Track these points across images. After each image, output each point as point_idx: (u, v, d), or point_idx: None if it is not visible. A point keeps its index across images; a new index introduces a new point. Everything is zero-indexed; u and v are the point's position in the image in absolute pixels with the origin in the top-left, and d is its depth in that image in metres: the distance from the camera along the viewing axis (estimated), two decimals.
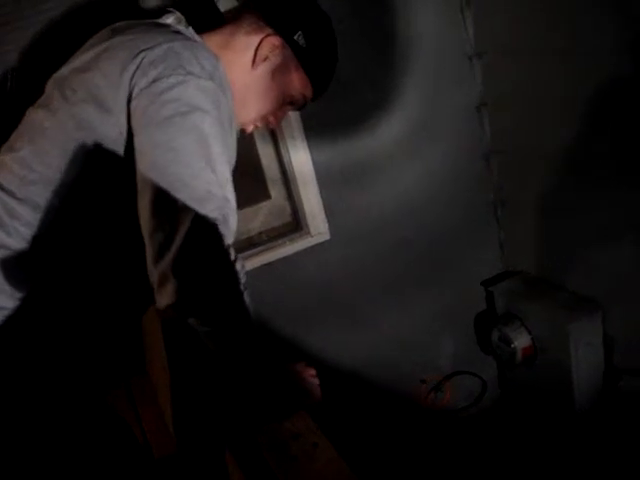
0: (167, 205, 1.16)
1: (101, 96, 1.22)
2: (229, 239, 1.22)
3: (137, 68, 1.22)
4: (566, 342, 2.34)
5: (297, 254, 2.37)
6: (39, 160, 1.25)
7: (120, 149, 1.24)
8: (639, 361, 2.33)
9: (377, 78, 2.36)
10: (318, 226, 2.37)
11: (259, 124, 1.57)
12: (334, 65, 1.59)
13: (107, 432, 1.37)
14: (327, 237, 2.41)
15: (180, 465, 1.67)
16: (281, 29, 1.46)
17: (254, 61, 1.45)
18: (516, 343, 2.53)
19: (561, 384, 2.47)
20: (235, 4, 1.66)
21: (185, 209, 1.15)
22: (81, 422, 1.32)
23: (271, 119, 1.56)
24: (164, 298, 1.15)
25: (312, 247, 2.40)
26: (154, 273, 1.16)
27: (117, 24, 1.44)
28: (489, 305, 2.85)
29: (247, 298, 1.26)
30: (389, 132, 2.42)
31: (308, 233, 2.38)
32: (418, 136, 2.49)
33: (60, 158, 1.24)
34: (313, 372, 1.46)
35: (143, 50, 1.23)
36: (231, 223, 1.22)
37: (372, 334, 2.64)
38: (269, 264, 2.31)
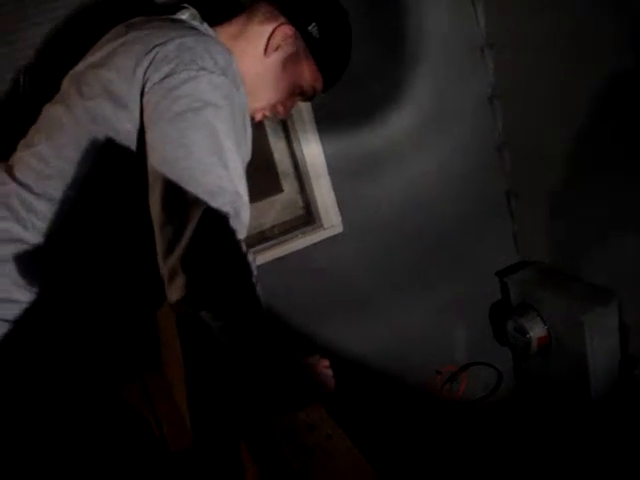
0: (177, 200, 1.16)
1: (115, 91, 1.24)
2: (241, 234, 1.22)
3: (150, 63, 1.23)
4: (581, 332, 2.33)
5: (310, 247, 2.37)
6: (56, 154, 1.26)
7: (133, 143, 1.25)
8: None
9: (388, 70, 2.35)
10: (331, 219, 2.37)
11: (268, 113, 1.57)
12: (347, 59, 1.59)
13: (124, 426, 1.38)
14: (340, 230, 2.41)
15: (196, 458, 1.68)
16: (295, 19, 1.46)
17: (266, 49, 1.45)
18: (531, 333, 2.52)
19: (577, 373, 2.46)
20: None
21: (195, 203, 1.15)
22: (98, 416, 1.33)
23: (280, 108, 1.56)
24: (174, 293, 1.16)
25: (325, 240, 2.40)
26: (164, 267, 1.17)
27: (132, 20, 1.46)
28: (504, 296, 2.85)
29: (259, 291, 1.27)
30: (401, 124, 2.41)
31: (321, 226, 2.38)
32: (430, 128, 2.48)
33: (76, 152, 1.25)
34: (327, 363, 1.46)
35: (157, 45, 1.24)
36: (243, 217, 1.23)
37: (386, 326, 2.64)
38: (282, 258, 2.32)
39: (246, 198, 1.25)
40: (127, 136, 1.25)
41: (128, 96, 1.23)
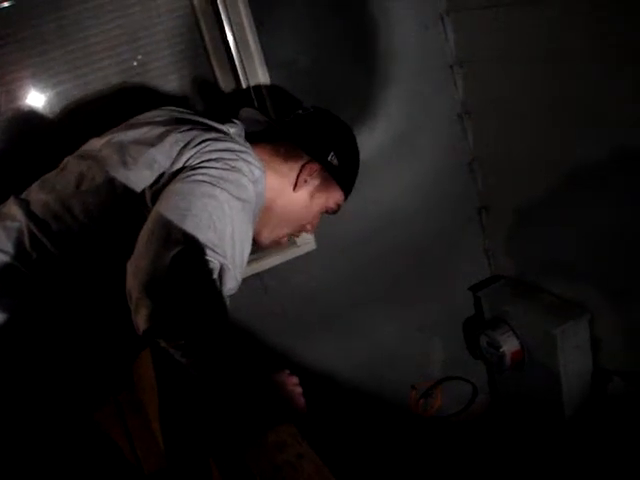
0: (159, 237, 1.22)
1: (157, 167, 1.36)
2: (217, 289, 1.26)
3: (196, 152, 1.36)
4: (554, 346, 2.35)
5: (283, 265, 2.37)
6: (83, 209, 1.35)
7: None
8: (627, 363, 2.34)
9: (360, 90, 2.37)
10: (304, 237, 2.36)
11: (297, 235, 1.78)
12: (358, 168, 1.76)
13: (94, 452, 1.37)
14: (313, 247, 2.41)
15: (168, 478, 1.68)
16: (317, 154, 1.63)
17: (296, 184, 1.60)
18: (505, 348, 2.53)
19: (550, 387, 2.48)
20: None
21: (173, 243, 1.20)
22: (68, 442, 1.32)
23: (308, 227, 1.73)
24: (140, 323, 1.17)
25: (298, 257, 2.40)
26: (132, 293, 1.19)
27: (183, 110, 1.65)
28: (477, 310, 2.86)
29: (229, 332, 1.28)
30: (373, 142, 2.42)
31: (294, 243, 2.38)
32: (402, 145, 2.50)
33: (101, 213, 1.35)
34: (295, 380, 1.46)
35: (208, 140, 1.39)
36: (225, 282, 1.27)
37: (361, 342, 2.65)
38: (255, 275, 2.32)
39: (234, 273, 1.29)
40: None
41: (167, 176, 1.36)
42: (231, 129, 1.58)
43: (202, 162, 1.35)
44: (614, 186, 2.05)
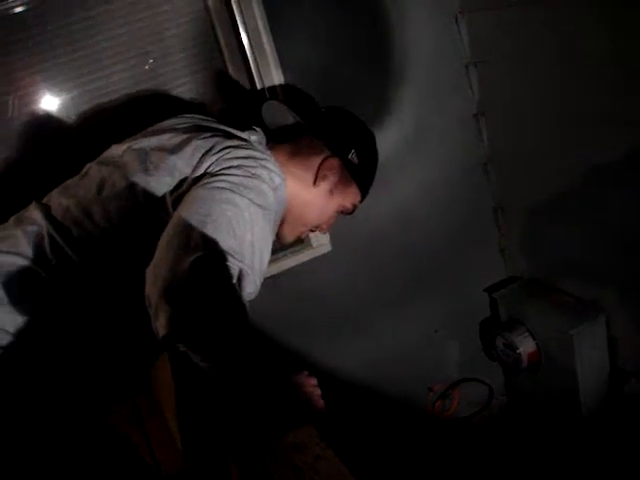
0: (179, 241, 1.23)
1: (179, 175, 1.38)
2: (236, 293, 1.25)
3: (217, 159, 1.38)
4: (570, 346, 2.34)
5: (299, 266, 2.38)
6: (103, 215, 1.36)
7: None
8: None
9: (374, 89, 2.37)
10: (319, 238, 2.37)
11: (313, 230, 1.79)
12: (376, 171, 1.80)
13: (110, 452, 1.38)
14: (329, 249, 2.41)
15: None
16: (338, 150, 1.65)
17: (315, 180, 1.62)
18: (521, 349, 2.52)
19: (567, 388, 2.46)
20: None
21: (194, 248, 1.20)
22: (84, 442, 1.33)
23: (323, 226, 1.75)
24: (160, 328, 1.17)
25: (314, 259, 2.40)
26: (151, 298, 1.19)
27: (203, 117, 1.68)
28: (493, 312, 2.85)
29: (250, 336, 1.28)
30: (387, 143, 2.41)
31: (310, 245, 2.39)
32: (417, 145, 2.50)
33: (122, 219, 1.36)
34: (314, 382, 1.46)
35: (229, 147, 1.41)
36: (245, 287, 1.27)
37: (377, 344, 2.64)
38: (271, 277, 2.32)
39: (254, 278, 1.29)
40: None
41: (188, 183, 1.37)
42: (252, 136, 1.60)
43: (223, 169, 1.36)
44: (630, 185, 2.04)
